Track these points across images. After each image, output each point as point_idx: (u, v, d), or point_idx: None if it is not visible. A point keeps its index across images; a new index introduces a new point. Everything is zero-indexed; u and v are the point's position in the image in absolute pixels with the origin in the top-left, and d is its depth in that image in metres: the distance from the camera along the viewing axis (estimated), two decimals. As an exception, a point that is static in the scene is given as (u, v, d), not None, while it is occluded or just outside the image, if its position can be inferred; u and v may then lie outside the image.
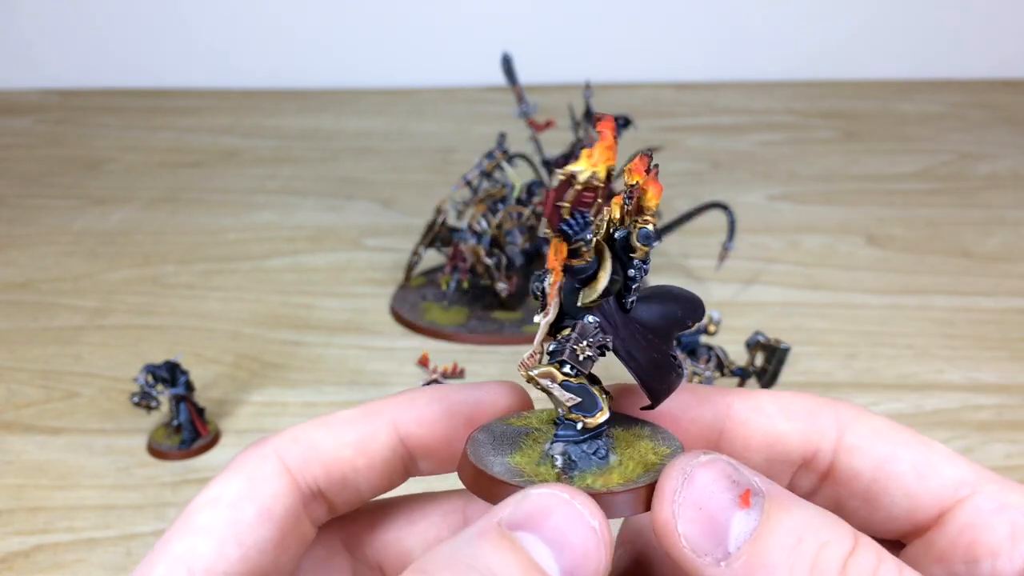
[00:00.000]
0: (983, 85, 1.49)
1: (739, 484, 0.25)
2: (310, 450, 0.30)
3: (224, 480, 0.29)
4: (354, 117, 1.37)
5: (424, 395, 0.32)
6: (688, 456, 0.26)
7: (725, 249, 0.82)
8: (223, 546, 0.27)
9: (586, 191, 0.25)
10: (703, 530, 0.25)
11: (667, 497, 0.26)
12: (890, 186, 1.11)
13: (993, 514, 0.27)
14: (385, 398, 0.32)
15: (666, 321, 0.28)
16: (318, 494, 0.30)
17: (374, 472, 0.31)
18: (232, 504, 0.28)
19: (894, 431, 0.29)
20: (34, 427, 0.67)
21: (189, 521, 0.28)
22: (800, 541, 0.24)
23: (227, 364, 0.75)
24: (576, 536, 0.24)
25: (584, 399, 0.27)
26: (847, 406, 0.30)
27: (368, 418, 0.31)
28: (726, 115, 1.37)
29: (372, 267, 0.91)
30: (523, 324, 0.79)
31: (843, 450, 0.30)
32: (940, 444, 0.29)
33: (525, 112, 0.81)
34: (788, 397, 0.31)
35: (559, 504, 0.25)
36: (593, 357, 0.27)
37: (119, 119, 1.37)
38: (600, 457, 0.27)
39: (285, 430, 0.31)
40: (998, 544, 0.27)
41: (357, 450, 0.30)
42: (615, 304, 0.27)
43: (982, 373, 0.73)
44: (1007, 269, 0.90)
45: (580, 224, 0.25)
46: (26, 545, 0.56)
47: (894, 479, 0.29)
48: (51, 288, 0.87)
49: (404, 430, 0.31)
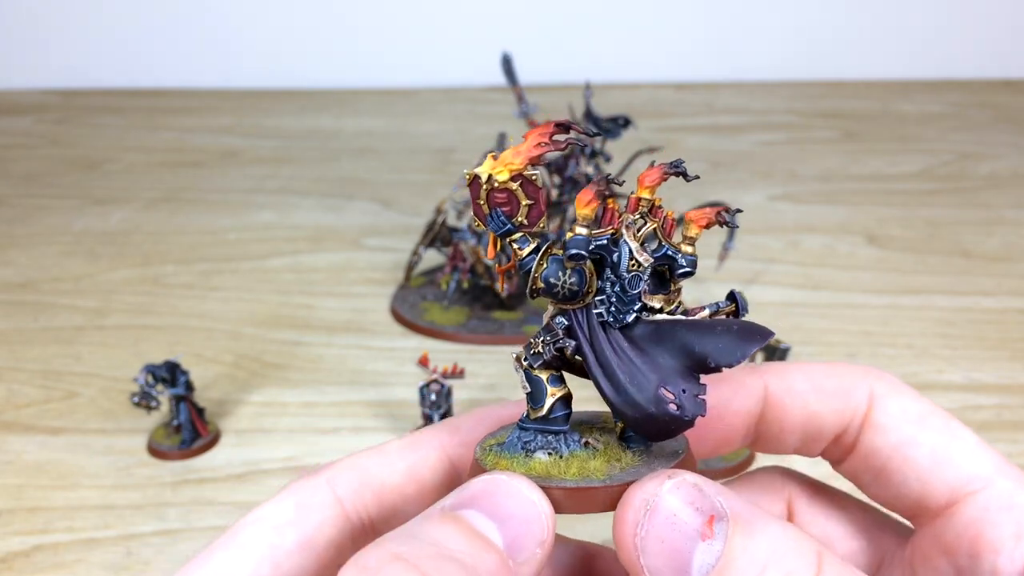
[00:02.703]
0: (983, 85, 1.49)
1: (702, 511, 0.25)
2: (363, 479, 0.30)
3: (275, 502, 0.29)
4: (354, 117, 1.37)
5: (468, 420, 0.32)
6: (651, 481, 0.26)
7: (725, 249, 0.82)
8: (259, 567, 0.27)
9: (496, 192, 0.26)
10: (666, 563, 0.25)
11: (629, 530, 0.25)
12: (890, 186, 1.11)
13: (1001, 511, 0.27)
14: (430, 427, 0.32)
15: (681, 354, 0.26)
16: (369, 526, 0.30)
17: (425, 499, 0.31)
18: (276, 527, 0.28)
19: (923, 414, 0.29)
20: (34, 427, 0.67)
21: (234, 537, 0.28)
22: (764, 570, 0.24)
23: (227, 364, 0.75)
24: (516, 507, 0.25)
25: (534, 390, 0.28)
26: (882, 378, 0.30)
27: (416, 446, 0.31)
28: (726, 115, 1.37)
29: (372, 267, 0.91)
30: (523, 324, 0.79)
31: (869, 426, 0.30)
32: (969, 432, 0.29)
33: (525, 112, 0.81)
34: (821, 373, 0.31)
35: (498, 483, 0.26)
36: (544, 354, 0.27)
37: (119, 119, 1.37)
38: (525, 448, 0.28)
39: (339, 460, 0.31)
40: (1001, 542, 0.27)
41: (408, 477, 0.31)
42: (588, 313, 0.27)
43: (982, 373, 0.73)
44: (1007, 269, 0.90)
45: (496, 222, 0.27)
46: (26, 545, 0.56)
47: (910, 462, 0.29)
48: (51, 288, 0.87)
49: (453, 454, 0.31)
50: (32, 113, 1.39)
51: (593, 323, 0.27)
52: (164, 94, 1.47)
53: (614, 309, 0.27)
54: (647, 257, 0.27)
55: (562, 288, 0.27)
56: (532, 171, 0.26)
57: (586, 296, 0.27)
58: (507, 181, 0.26)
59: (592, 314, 0.27)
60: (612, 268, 0.27)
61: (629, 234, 0.27)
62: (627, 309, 0.27)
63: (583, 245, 0.26)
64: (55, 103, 1.44)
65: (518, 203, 0.26)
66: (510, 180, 0.26)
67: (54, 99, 1.46)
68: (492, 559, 0.24)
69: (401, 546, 0.24)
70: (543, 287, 0.27)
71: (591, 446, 0.28)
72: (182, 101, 1.44)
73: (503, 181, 0.26)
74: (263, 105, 1.42)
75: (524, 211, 0.27)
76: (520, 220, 0.27)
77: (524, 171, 0.26)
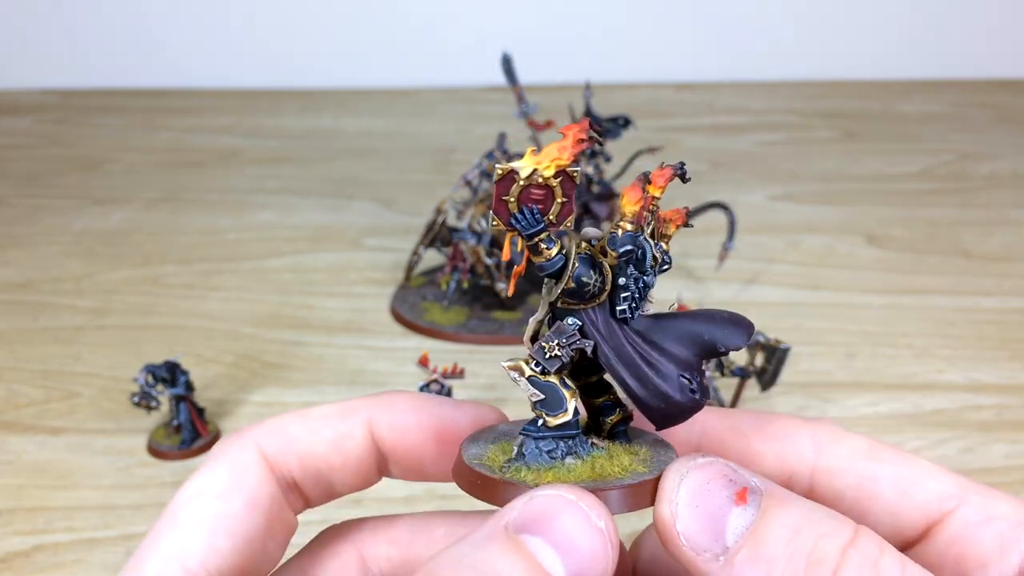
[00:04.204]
0: (983, 85, 1.49)
1: (736, 483, 0.26)
2: (287, 442, 0.30)
3: (207, 472, 0.29)
4: (354, 117, 1.37)
5: (403, 401, 0.31)
6: (686, 458, 0.27)
7: (725, 249, 0.82)
8: (214, 539, 0.27)
9: (533, 188, 0.25)
10: (701, 527, 0.25)
11: (665, 496, 0.26)
12: (890, 186, 1.11)
13: (980, 526, 0.27)
14: (364, 397, 0.32)
15: (688, 343, 0.27)
16: (293, 486, 0.30)
17: (348, 470, 0.31)
18: (219, 496, 0.28)
19: (874, 450, 0.29)
20: (34, 427, 0.67)
21: (175, 517, 0.28)
22: (797, 534, 0.24)
23: (227, 364, 0.75)
24: (582, 538, 0.24)
25: (548, 397, 0.28)
26: (824, 427, 0.30)
27: (345, 416, 0.31)
28: (726, 115, 1.37)
29: (372, 267, 0.91)
30: (523, 324, 0.79)
31: (821, 471, 0.29)
32: (922, 460, 0.29)
33: (525, 112, 0.81)
34: (764, 418, 0.31)
35: (564, 506, 0.25)
36: (562, 357, 0.27)
37: (119, 119, 1.36)
38: (551, 456, 0.27)
39: (264, 421, 0.31)
40: (986, 556, 0.27)
41: (332, 447, 0.30)
42: (606, 312, 0.27)
43: (982, 373, 0.73)
44: (1007, 269, 0.90)
45: (529, 219, 0.26)
46: (26, 545, 0.56)
47: (876, 498, 0.29)
48: (51, 288, 0.87)
49: (378, 432, 0.31)
50: (32, 113, 1.39)
51: (609, 320, 0.27)
52: (164, 94, 1.47)
53: (634, 305, 0.27)
54: (659, 254, 0.27)
55: (592, 287, 0.27)
56: (574, 168, 0.26)
57: (603, 294, 0.27)
58: (551, 177, 0.25)
59: (606, 311, 0.27)
60: (636, 264, 0.27)
61: (647, 231, 0.27)
62: (641, 305, 0.28)
63: (633, 241, 0.26)
64: (55, 103, 1.44)
65: (552, 200, 0.26)
66: (553, 176, 0.26)
67: (54, 99, 1.46)
68: None
69: None
70: (574, 287, 0.27)
71: (597, 446, 0.28)
72: (182, 101, 1.44)
73: (548, 176, 0.25)
74: (263, 105, 1.42)
75: (556, 209, 0.26)
76: (550, 218, 0.26)
77: (568, 167, 0.26)
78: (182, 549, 0.27)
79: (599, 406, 0.29)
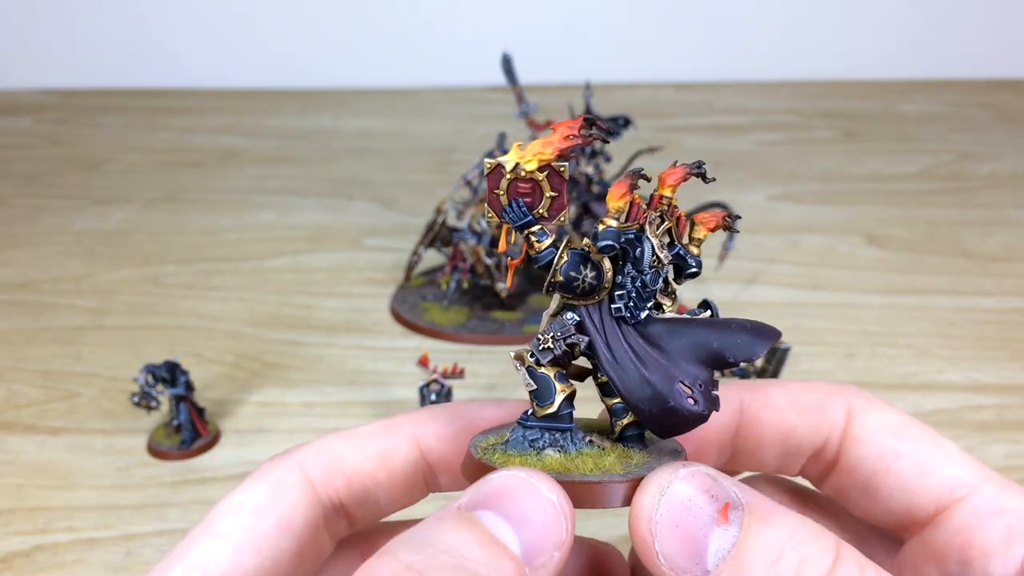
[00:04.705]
0: (983, 85, 1.49)
1: (718, 498, 0.25)
2: (333, 462, 0.30)
3: (247, 487, 0.29)
4: (354, 117, 1.37)
5: (445, 411, 0.32)
6: (666, 469, 0.26)
7: (725, 249, 0.82)
8: (239, 554, 0.27)
9: (520, 182, 0.26)
10: (681, 548, 0.25)
11: (644, 513, 0.25)
12: (890, 186, 1.11)
13: (989, 516, 0.27)
14: (405, 413, 0.32)
15: (697, 351, 0.27)
16: (340, 508, 0.30)
17: (395, 486, 0.31)
18: (253, 512, 0.28)
19: (903, 425, 0.29)
20: (34, 427, 0.67)
21: (210, 526, 0.28)
22: (780, 557, 0.24)
23: (227, 364, 0.75)
24: (534, 511, 0.25)
25: (540, 387, 0.28)
26: (858, 394, 0.30)
27: (390, 432, 0.31)
28: (726, 115, 1.37)
29: (372, 267, 0.91)
30: (523, 324, 0.79)
31: (849, 440, 0.30)
32: (950, 442, 0.29)
33: (525, 112, 0.81)
34: (798, 389, 0.31)
35: (516, 482, 0.25)
36: (554, 350, 0.27)
37: (119, 119, 1.36)
38: (532, 445, 0.28)
39: (310, 443, 0.31)
40: (991, 546, 0.27)
41: (379, 463, 0.31)
42: (605, 310, 0.27)
43: (982, 373, 0.73)
44: (1007, 269, 0.90)
45: (517, 212, 0.26)
46: (26, 545, 0.56)
47: (894, 473, 0.29)
48: (51, 288, 0.87)
49: (425, 444, 0.31)
50: (32, 113, 1.39)
51: (607, 318, 0.27)
52: (164, 94, 1.47)
53: (632, 304, 0.27)
54: (667, 254, 0.27)
55: (581, 283, 0.27)
56: (561, 163, 0.26)
57: (601, 292, 0.27)
58: (534, 171, 0.26)
59: (606, 309, 0.27)
60: (634, 263, 0.27)
61: (651, 230, 0.27)
62: (643, 305, 0.27)
63: (615, 237, 0.26)
64: (55, 103, 1.44)
65: (541, 194, 0.26)
66: (537, 170, 0.26)
67: (54, 99, 1.46)
68: (508, 567, 0.24)
69: (414, 555, 0.23)
70: (562, 281, 0.27)
71: (595, 444, 0.28)
72: (182, 101, 1.44)
73: (530, 171, 0.26)
74: (263, 105, 1.42)
75: (547, 203, 0.26)
76: (540, 212, 0.27)
77: (553, 162, 0.26)
78: (207, 560, 0.27)
79: (612, 408, 0.29)
